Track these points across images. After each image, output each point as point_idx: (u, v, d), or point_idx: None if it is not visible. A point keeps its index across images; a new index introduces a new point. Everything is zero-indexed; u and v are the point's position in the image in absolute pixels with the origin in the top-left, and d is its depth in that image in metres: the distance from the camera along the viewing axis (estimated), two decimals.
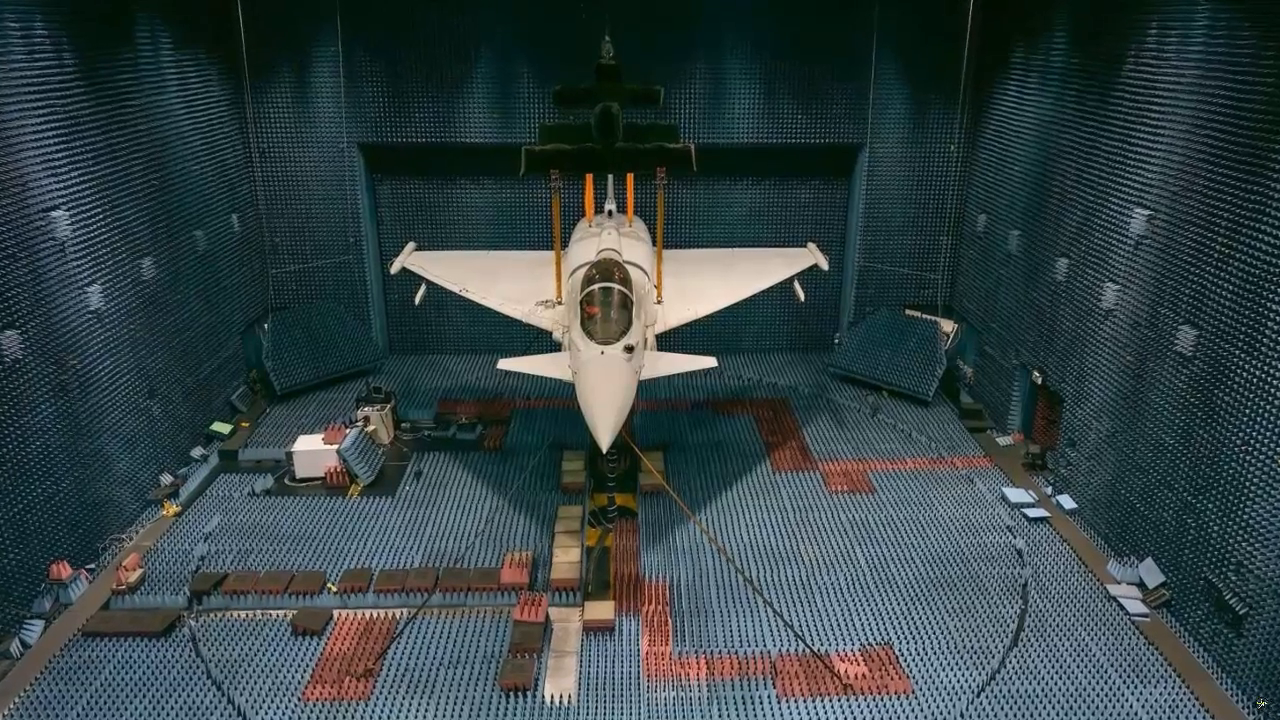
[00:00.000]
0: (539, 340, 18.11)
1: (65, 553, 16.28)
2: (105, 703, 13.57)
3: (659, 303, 17.64)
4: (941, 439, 22.23)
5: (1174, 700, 13.65)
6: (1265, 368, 13.59)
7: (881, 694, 13.73)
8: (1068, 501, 18.99)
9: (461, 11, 23.73)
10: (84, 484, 16.92)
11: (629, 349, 13.91)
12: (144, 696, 13.68)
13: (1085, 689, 13.89)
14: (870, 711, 13.41)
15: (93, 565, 16.90)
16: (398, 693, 13.80)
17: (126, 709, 13.46)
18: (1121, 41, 17.28)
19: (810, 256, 21.12)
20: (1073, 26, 19.42)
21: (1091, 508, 18.32)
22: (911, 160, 25.19)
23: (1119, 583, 16.35)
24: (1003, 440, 22.19)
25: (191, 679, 14.09)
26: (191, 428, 21.22)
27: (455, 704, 13.53)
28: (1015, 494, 19.35)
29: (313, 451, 19.77)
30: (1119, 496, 17.28)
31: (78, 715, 13.38)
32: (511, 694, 13.64)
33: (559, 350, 16.30)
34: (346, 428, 20.70)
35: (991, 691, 13.85)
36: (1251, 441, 13.80)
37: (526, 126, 24.28)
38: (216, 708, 13.52)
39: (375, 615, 15.61)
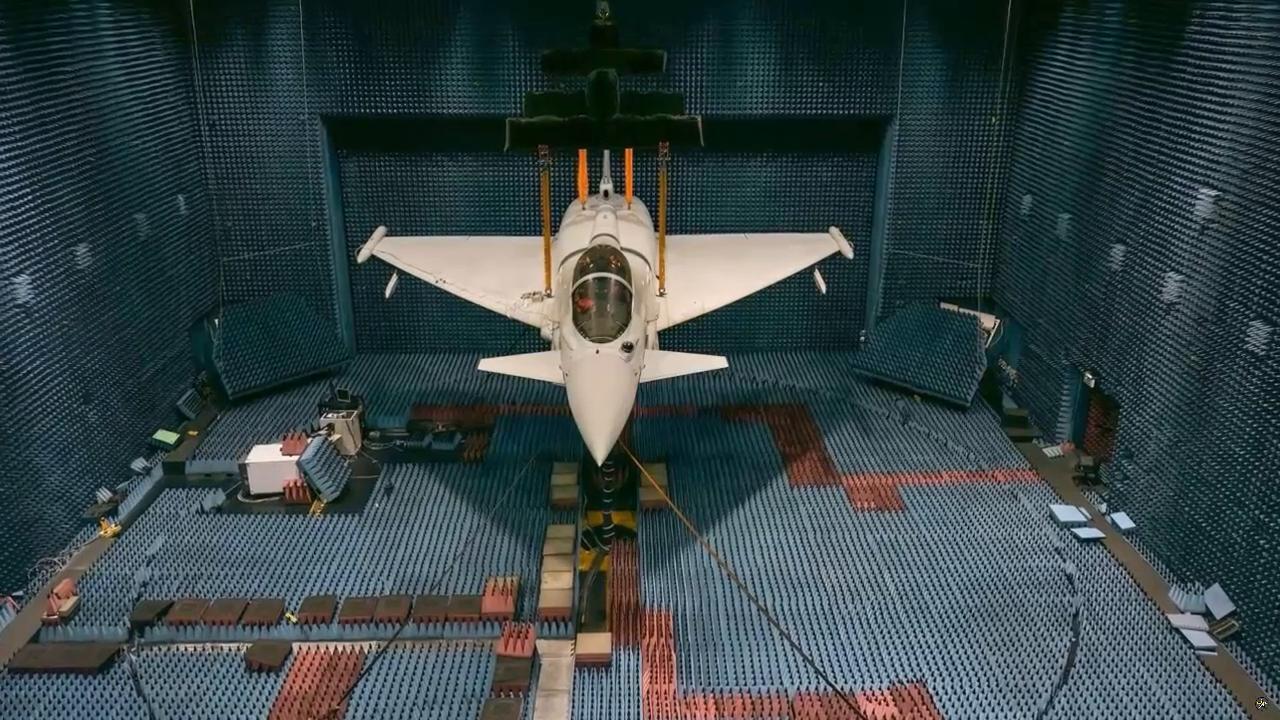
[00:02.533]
0: (525, 338, 18.11)
1: None
2: None
3: (661, 295, 17.65)
4: (981, 449, 22.25)
5: None
6: None
7: None
8: (1124, 520, 18.99)
9: None
10: (10, 500, 16.90)
11: (627, 347, 13.92)
12: None
13: None
14: None
15: (20, 592, 16.88)
16: None
17: None
18: None
19: (833, 243, 21.15)
20: None
21: (1151, 527, 18.33)
22: (947, 134, 25.20)
23: (1182, 612, 16.36)
24: (1051, 451, 22.21)
25: None
26: (132, 436, 21.22)
27: None
28: (1065, 512, 19.37)
29: (269, 464, 19.78)
30: (1182, 514, 17.29)
31: None
32: None
33: (548, 349, 16.31)
34: (308, 437, 20.69)
35: None
36: None
37: (511, 96, 24.28)
38: None
39: (340, 649, 15.60)
